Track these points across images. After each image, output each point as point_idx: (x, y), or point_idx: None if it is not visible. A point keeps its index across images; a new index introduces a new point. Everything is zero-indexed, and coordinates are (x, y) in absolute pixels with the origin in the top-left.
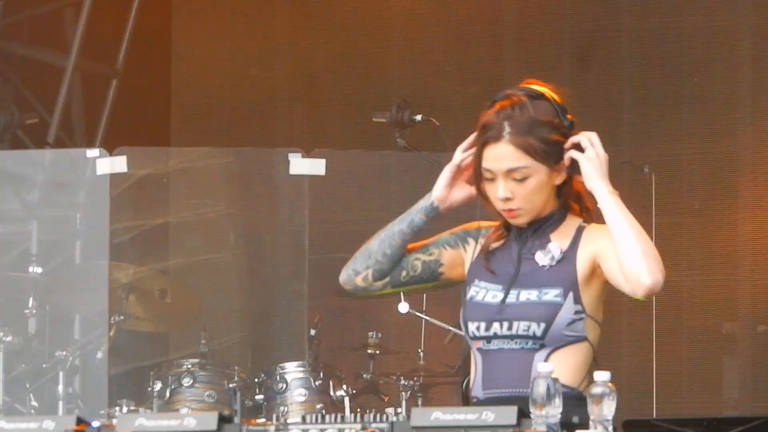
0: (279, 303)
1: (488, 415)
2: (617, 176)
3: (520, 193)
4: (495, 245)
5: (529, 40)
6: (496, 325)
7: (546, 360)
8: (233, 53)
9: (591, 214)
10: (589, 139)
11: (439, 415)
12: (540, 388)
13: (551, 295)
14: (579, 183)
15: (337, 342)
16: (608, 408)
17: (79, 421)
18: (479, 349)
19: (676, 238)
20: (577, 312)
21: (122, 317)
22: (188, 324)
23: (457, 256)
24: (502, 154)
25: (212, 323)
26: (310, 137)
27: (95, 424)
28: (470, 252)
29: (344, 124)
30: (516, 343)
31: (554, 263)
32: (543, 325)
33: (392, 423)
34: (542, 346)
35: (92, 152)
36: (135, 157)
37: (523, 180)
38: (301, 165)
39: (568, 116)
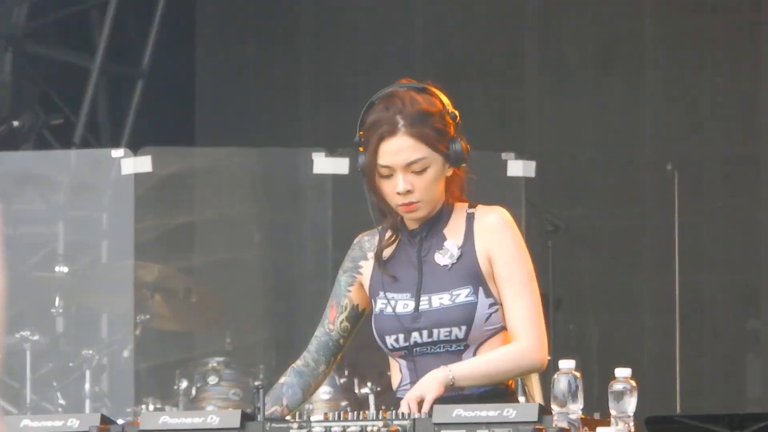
0: (303, 302)
1: (510, 412)
2: (640, 175)
3: (420, 185)
4: (388, 252)
5: (552, 41)
6: (415, 335)
7: (473, 356)
8: (257, 53)
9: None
10: (408, 402)
11: (461, 412)
12: (561, 385)
13: (463, 295)
14: (460, 172)
15: (361, 340)
16: (629, 404)
17: (103, 420)
18: (402, 357)
19: (698, 237)
20: (491, 305)
21: (148, 316)
22: (213, 323)
23: (361, 288)
24: (400, 147)
25: (236, 322)
26: (333, 137)
27: (120, 421)
28: (366, 273)
29: None
30: (440, 347)
31: (455, 261)
32: (464, 328)
33: (414, 420)
34: (466, 347)
35: (117, 152)
36: (160, 157)
37: (422, 171)
38: (325, 164)
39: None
